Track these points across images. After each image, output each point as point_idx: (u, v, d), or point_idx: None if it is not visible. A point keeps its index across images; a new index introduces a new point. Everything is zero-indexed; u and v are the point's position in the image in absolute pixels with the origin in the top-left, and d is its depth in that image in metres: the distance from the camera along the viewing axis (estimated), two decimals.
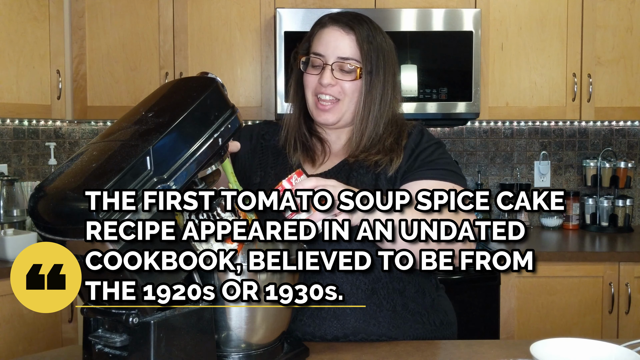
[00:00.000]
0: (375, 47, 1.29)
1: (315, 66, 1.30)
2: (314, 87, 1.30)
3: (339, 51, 1.28)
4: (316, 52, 1.30)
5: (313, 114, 1.33)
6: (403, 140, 1.31)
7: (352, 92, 1.29)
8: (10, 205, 2.53)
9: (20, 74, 2.52)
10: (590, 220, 2.99)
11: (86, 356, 0.94)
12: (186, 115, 0.91)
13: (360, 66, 1.28)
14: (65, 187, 0.84)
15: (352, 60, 1.28)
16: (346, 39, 1.28)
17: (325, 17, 1.33)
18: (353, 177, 1.29)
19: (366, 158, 1.29)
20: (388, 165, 1.28)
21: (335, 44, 1.28)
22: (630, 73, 2.75)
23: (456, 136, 3.13)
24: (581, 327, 2.42)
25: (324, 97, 1.29)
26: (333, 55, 1.28)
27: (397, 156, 1.28)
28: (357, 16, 1.32)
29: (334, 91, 1.28)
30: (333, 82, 1.28)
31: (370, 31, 1.29)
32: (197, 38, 2.74)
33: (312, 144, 1.37)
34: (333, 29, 1.29)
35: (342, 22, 1.29)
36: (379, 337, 1.25)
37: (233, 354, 1.04)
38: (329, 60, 1.28)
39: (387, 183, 1.27)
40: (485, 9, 2.71)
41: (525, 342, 1.12)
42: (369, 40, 1.28)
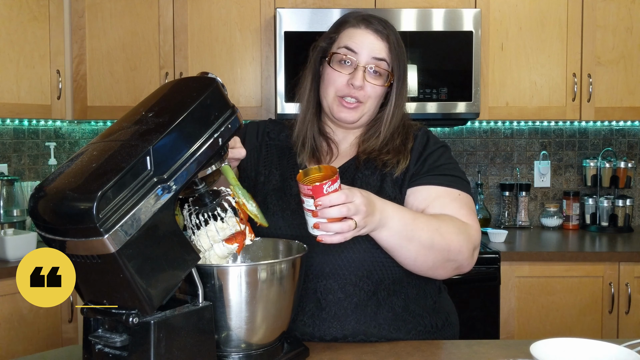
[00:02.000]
0: (403, 54, 1.30)
1: (345, 65, 1.28)
2: (339, 85, 1.28)
3: (375, 52, 1.27)
4: (349, 48, 1.27)
5: (333, 110, 1.31)
6: (409, 143, 1.32)
7: (376, 96, 1.30)
8: (10, 205, 2.53)
9: (20, 74, 2.52)
10: (590, 220, 2.99)
11: (86, 356, 0.94)
12: (186, 115, 0.91)
13: (391, 70, 1.29)
14: (65, 187, 0.84)
15: (385, 62, 1.28)
16: (381, 41, 1.28)
17: (353, 17, 1.31)
18: (358, 177, 1.30)
19: (377, 157, 1.30)
20: (395, 166, 1.29)
21: (370, 46, 1.27)
22: (630, 73, 2.75)
23: (456, 136, 3.12)
24: (581, 327, 2.42)
25: (350, 99, 1.28)
26: (367, 56, 1.27)
27: (404, 158, 1.30)
28: (386, 22, 1.32)
29: (360, 94, 1.28)
30: (363, 84, 1.27)
31: (397, 38, 1.30)
32: (197, 38, 2.74)
33: (319, 144, 1.37)
34: (367, 31, 1.28)
35: (375, 25, 1.29)
36: (379, 339, 1.25)
37: (233, 354, 1.04)
38: (362, 60, 1.27)
39: (392, 185, 1.28)
40: (485, 9, 2.71)
41: (525, 342, 1.12)
42: (398, 48, 1.29)
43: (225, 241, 1.03)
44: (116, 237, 0.81)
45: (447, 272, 1.22)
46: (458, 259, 1.20)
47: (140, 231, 0.84)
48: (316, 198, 0.99)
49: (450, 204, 1.25)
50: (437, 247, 1.16)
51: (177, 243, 0.90)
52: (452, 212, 1.23)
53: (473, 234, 1.22)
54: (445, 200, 1.25)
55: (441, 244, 1.16)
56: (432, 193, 1.26)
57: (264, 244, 1.21)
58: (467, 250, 1.20)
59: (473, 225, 1.24)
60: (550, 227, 3.01)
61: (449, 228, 1.18)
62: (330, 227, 1.01)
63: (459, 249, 1.18)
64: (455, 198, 1.26)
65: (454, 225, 1.19)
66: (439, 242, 1.16)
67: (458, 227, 1.20)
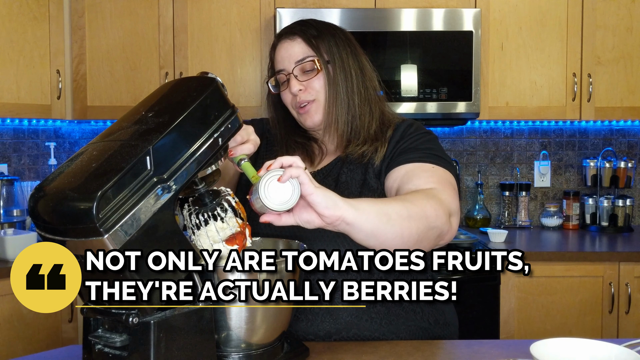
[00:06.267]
0: (325, 38, 1.32)
1: (284, 82, 1.35)
2: (290, 100, 1.35)
3: (294, 57, 1.32)
4: (278, 70, 1.35)
5: (300, 121, 1.36)
6: (389, 131, 1.32)
7: (321, 87, 1.32)
8: (10, 205, 2.53)
9: (20, 73, 2.52)
10: (590, 220, 2.99)
11: (86, 356, 0.94)
12: (186, 115, 0.91)
13: (317, 59, 1.30)
14: (65, 187, 0.84)
15: (308, 58, 1.31)
16: (295, 43, 1.32)
17: (275, 38, 1.39)
18: (344, 173, 1.31)
19: (354, 150, 1.31)
20: (374, 154, 1.29)
21: (288, 54, 1.33)
22: (630, 73, 2.75)
23: (456, 136, 3.12)
24: (581, 327, 2.42)
25: (302, 105, 1.32)
26: (291, 64, 1.32)
27: (381, 145, 1.30)
28: (299, 22, 1.37)
29: (306, 95, 1.32)
30: (301, 87, 1.31)
31: (314, 28, 1.33)
32: (197, 38, 2.74)
33: (310, 145, 1.39)
34: (282, 43, 1.34)
35: (286, 32, 1.35)
36: (372, 334, 1.25)
37: (233, 354, 1.04)
38: (289, 69, 1.32)
39: (374, 176, 1.28)
40: (485, 9, 2.71)
41: (525, 342, 1.12)
42: (316, 35, 1.32)
43: (226, 242, 1.03)
44: (116, 237, 0.81)
45: (430, 242, 1.12)
46: (437, 224, 1.10)
47: (140, 231, 0.84)
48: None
49: (420, 174, 1.19)
50: (415, 215, 1.06)
51: (177, 243, 0.90)
52: (420, 182, 1.17)
53: (444, 198, 1.14)
54: (415, 172, 1.20)
55: (417, 212, 1.07)
56: (402, 170, 1.22)
57: (264, 244, 1.21)
58: (443, 215, 1.11)
59: (443, 189, 1.16)
60: (550, 227, 3.01)
61: (416, 195, 1.12)
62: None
63: (435, 214, 1.10)
64: (426, 170, 1.20)
65: (420, 193, 1.13)
66: (414, 210, 1.07)
67: (425, 194, 1.13)
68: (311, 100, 1.32)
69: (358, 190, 1.27)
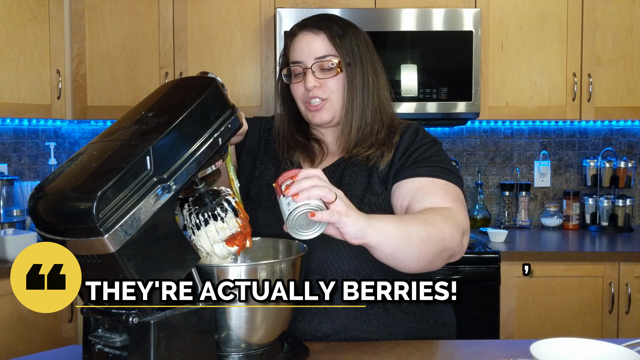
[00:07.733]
0: (348, 39, 1.31)
1: (297, 74, 1.32)
2: (301, 94, 1.32)
3: (315, 52, 1.30)
4: (294, 61, 1.32)
5: (308, 117, 1.34)
6: (395, 137, 1.31)
7: (337, 88, 1.30)
8: (10, 205, 2.53)
9: (20, 73, 2.52)
10: (590, 220, 2.99)
11: (86, 356, 0.94)
12: (186, 115, 0.91)
13: (339, 60, 1.29)
14: (65, 187, 0.84)
15: (329, 57, 1.29)
16: (318, 39, 1.30)
17: (294, 26, 1.36)
18: (347, 174, 1.30)
19: (359, 153, 1.30)
20: (379, 159, 1.29)
21: (309, 47, 1.30)
22: (630, 73, 2.75)
23: (456, 136, 3.12)
24: (581, 327, 2.42)
25: (313, 101, 1.31)
26: (310, 58, 1.30)
27: (388, 150, 1.29)
28: (323, 16, 1.34)
29: (320, 92, 1.30)
30: (317, 83, 1.29)
31: (339, 26, 1.31)
32: (197, 38, 2.74)
33: (311, 145, 1.38)
34: (303, 34, 1.31)
35: (310, 25, 1.32)
36: (370, 335, 1.25)
37: (233, 354, 1.04)
38: (308, 63, 1.30)
39: (379, 181, 1.28)
40: (485, 9, 2.71)
41: (525, 342, 1.12)
42: (340, 35, 1.30)
43: (226, 242, 1.03)
44: (116, 237, 0.81)
45: (442, 262, 1.17)
46: (452, 246, 1.14)
47: (140, 231, 0.84)
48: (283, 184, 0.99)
49: (435, 191, 1.21)
50: (433, 238, 1.10)
51: (177, 243, 0.90)
52: (435, 199, 1.19)
53: (460, 218, 1.17)
54: (429, 188, 1.21)
55: (435, 234, 1.10)
56: (415, 184, 1.23)
57: (263, 244, 1.21)
58: (458, 236, 1.15)
59: (458, 210, 1.19)
60: (550, 226, 3.01)
61: (436, 217, 1.14)
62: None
63: (452, 236, 1.13)
64: (440, 186, 1.22)
65: (439, 214, 1.15)
66: (433, 232, 1.10)
67: (444, 214, 1.15)
68: (324, 98, 1.30)
69: (361, 193, 1.27)
